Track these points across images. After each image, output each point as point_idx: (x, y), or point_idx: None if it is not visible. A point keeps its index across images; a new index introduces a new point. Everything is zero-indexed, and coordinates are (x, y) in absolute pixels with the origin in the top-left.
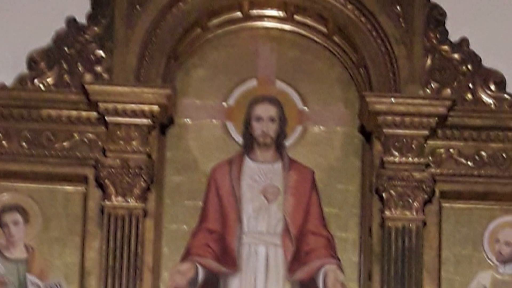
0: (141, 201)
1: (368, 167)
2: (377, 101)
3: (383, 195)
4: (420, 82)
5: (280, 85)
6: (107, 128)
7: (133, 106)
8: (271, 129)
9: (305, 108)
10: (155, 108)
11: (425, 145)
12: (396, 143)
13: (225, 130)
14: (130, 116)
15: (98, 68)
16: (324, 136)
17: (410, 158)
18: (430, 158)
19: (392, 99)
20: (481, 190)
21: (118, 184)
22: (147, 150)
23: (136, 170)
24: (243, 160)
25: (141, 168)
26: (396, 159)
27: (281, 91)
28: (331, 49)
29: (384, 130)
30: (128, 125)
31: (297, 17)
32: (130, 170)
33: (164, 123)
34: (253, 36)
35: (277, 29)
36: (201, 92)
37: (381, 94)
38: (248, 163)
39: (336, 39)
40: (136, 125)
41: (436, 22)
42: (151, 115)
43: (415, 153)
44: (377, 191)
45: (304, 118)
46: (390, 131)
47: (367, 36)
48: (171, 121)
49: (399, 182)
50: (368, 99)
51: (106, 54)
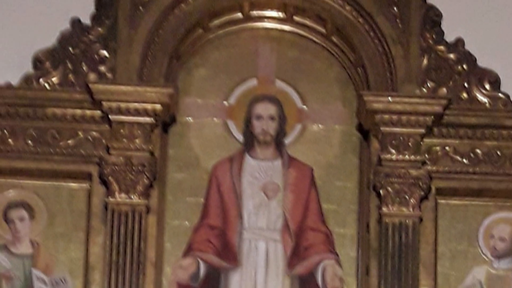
0: (144, 198)
1: (366, 165)
2: (375, 100)
3: (381, 192)
4: (417, 82)
5: (280, 84)
6: (111, 126)
7: (136, 105)
8: (271, 127)
9: (304, 107)
10: (158, 107)
11: (422, 143)
12: (393, 141)
13: (226, 128)
14: (133, 115)
15: (102, 68)
16: (323, 134)
17: (407, 156)
18: (426, 156)
19: (389, 98)
20: (476, 187)
21: (122, 181)
22: (150, 148)
23: (139, 168)
24: (244, 158)
25: (144, 166)
26: (393, 157)
27: (281, 90)
28: (330, 49)
29: (382, 128)
30: (131, 124)
31: (297, 18)
32: (133, 168)
33: (167, 122)
34: (254, 37)
35: (277, 30)
36: (203, 91)
37: (379, 93)
38: (249, 161)
39: (335, 40)
40: (139, 124)
41: (432, 23)
42: (154, 114)
43: (412, 151)
44: (375, 188)
45: (303, 117)
46: (387, 129)
47: (365, 37)
48: (173, 120)
49: (396, 179)
50: (366, 98)
51: (110, 54)
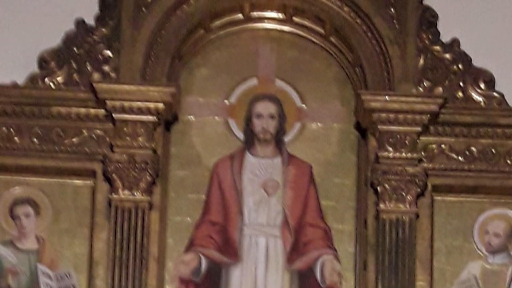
0: (147, 195)
1: (364, 162)
2: (372, 99)
3: (378, 189)
4: (413, 81)
5: (280, 84)
6: (114, 125)
7: (139, 104)
8: (271, 126)
9: (303, 106)
10: (160, 106)
11: (418, 141)
12: (390, 139)
13: (227, 127)
14: (136, 113)
15: (106, 68)
16: (322, 133)
17: (404, 154)
18: (423, 154)
19: (386, 97)
20: (471, 184)
21: (125, 178)
22: (153, 146)
23: (142, 165)
24: (244, 155)
25: (147, 163)
26: (390, 154)
27: (281, 90)
28: (328, 49)
29: (379, 127)
30: (135, 122)
31: (296, 19)
32: (136, 165)
33: (169, 120)
34: (254, 37)
35: (277, 30)
36: (204, 91)
37: (376, 92)
38: (249, 158)
39: (333, 40)
40: (142, 122)
41: (428, 24)
42: (157, 112)
43: (408, 149)
44: (372, 185)
45: (303, 115)
46: (385, 128)
47: (363, 37)
48: (176, 118)
49: (393, 176)
50: (364, 97)
51: (114, 54)
